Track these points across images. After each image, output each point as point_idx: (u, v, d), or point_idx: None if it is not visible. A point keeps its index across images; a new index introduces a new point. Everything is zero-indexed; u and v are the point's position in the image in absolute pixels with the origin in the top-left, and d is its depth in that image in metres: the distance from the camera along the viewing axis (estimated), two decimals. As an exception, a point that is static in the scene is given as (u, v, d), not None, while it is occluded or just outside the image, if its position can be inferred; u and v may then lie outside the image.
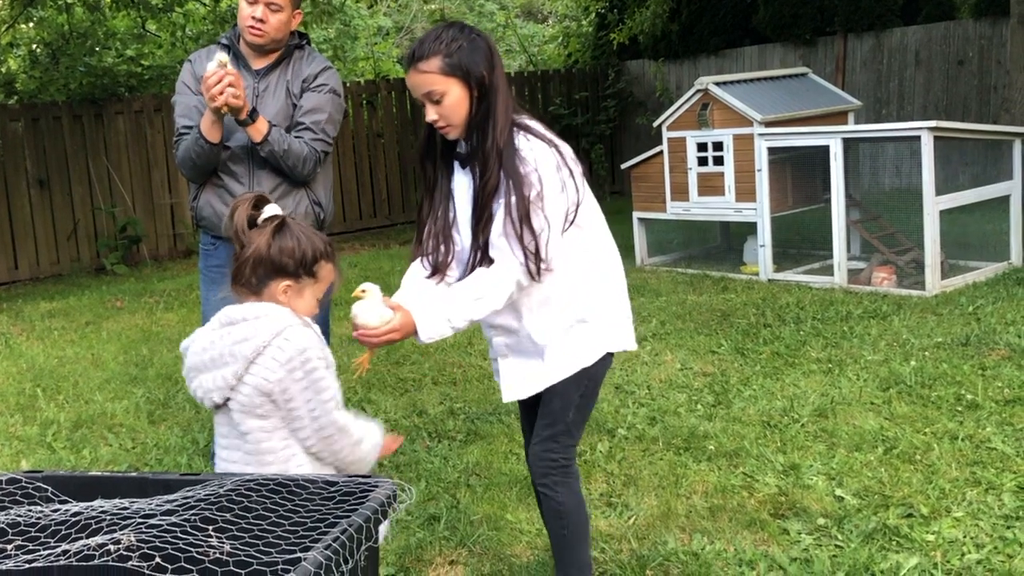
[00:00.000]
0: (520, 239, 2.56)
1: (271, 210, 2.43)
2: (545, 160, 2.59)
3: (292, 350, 2.30)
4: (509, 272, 2.60)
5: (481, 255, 2.67)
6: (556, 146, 2.63)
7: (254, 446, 2.35)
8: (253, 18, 3.66)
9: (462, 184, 2.74)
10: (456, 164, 2.77)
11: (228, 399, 2.34)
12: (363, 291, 2.58)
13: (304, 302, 2.44)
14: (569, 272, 2.71)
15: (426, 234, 2.79)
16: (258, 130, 3.59)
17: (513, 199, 2.56)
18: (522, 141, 2.61)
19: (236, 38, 3.81)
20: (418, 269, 2.81)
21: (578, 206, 2.65)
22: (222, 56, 3.47)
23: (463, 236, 2.75)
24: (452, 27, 2.63)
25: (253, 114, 3.58)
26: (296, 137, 3.68)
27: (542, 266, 2.59)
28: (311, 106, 3.73)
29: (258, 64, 3.77)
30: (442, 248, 2.76)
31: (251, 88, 3.70)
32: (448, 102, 2.60)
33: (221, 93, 3.42)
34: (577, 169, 2.67)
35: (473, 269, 2.69)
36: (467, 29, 2.63)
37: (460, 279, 2.73)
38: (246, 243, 2.40)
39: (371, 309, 2.57)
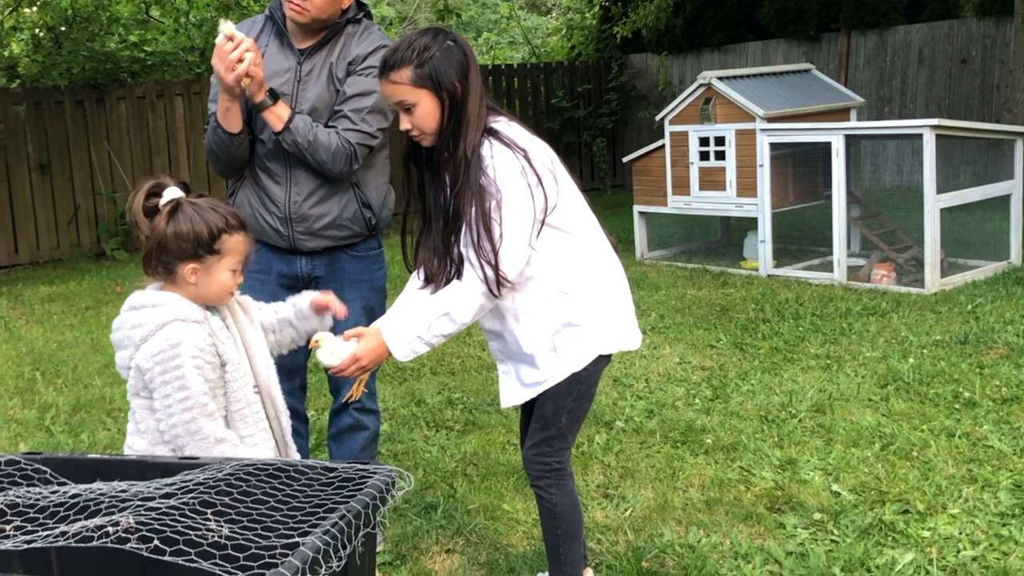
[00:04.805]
0: (479, 252, 2.54)
1: (170, 194, 2.42)
2: (505, 168, 2.54)
3: (165, 344, 2.33)
4: (473, 286, 2.58)
5: (457, 265, 2.64)
6: (524, 151, 2.57)
7: (137, 424, 2.44)
8: None
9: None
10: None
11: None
12: (316, 342, 2.64)
13: (216, 280, 2.45)
14: (552, 277, 2.67)
15: (421, 245, 2.78)
16: (277, 115, 3.05)
17: (473, 211, 2.54)
18: (486, 149, 2.57)
19: (280, 9, 3.22)
20: (414, 282, 2.80)
21: (547, 211, 2.60)
22: (226, 27, 2.94)
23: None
24: (426, 34, 2.60)
25: (272, 95, 3.04)
26: (329, 127, 3.11)
27: (502, 278, 2.55)
28: (354, 91, 3.13)
29: (303, 43, 3.20)
30: (435, 260, 2.73)
31: (293, 72, 3.16)
32: (419, 112, 2.58)
33: (240, 61, 2.89)
34: (551, 172, 2.61)
35: (448, 281, 2.66)
36: (441, 35, 2.59)
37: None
38: (147, 232, 2.41)
39: (327, 352, 2.62)
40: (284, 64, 3.17)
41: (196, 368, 2.35)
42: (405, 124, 2.63)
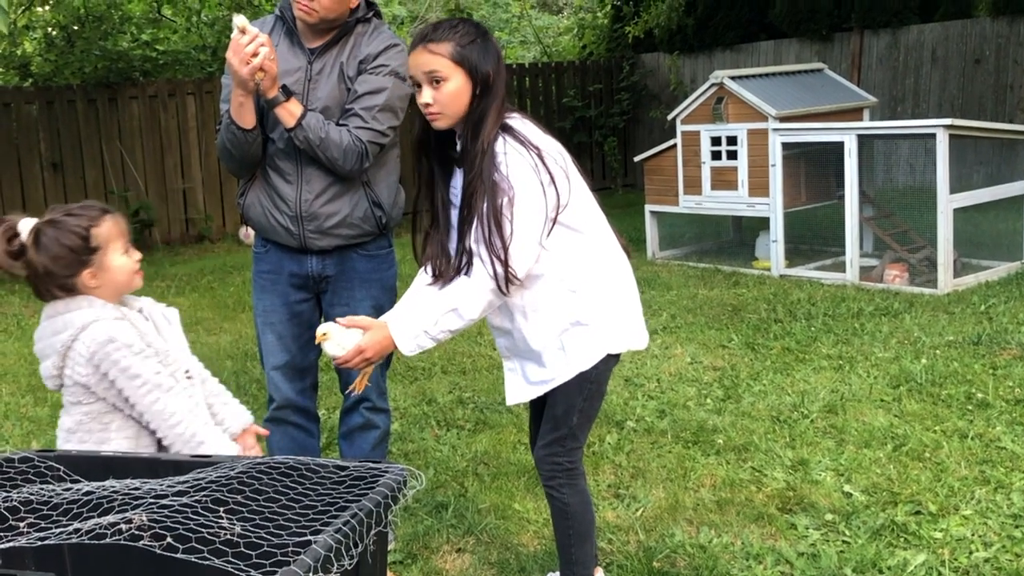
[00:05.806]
0: (489, 248, 2.54)
1: (25, 226, 2.44)
2: (518, 166, 2.54)
3: (95, 344, 2.36)
4: (482, 283, 2.57)
5: (465, 261, 2.63)
6: (537, 149, 2.57)
7: (74, 428, 2.47)
8: None
9: (458, 186, 2.71)
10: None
11: (61, 386, 2.47)
12: (323, 334, 2.66)
13: (114, 271, 2.48)
14: (561, 275, 2.67)
15: (429, 240, 2.78)
16: (290, 112, 3.03)
17: (485, 207, 2.54)
18: (499, 145, 2.57)
19: (290, 9, 3.22)
20: (423, 277, 2.80)
21: (559, 209, 2.60)
22: (240, 20, 2.94)
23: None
24: (469, 23, 2.62)
25: (285, 92, 3.04)
26: (340, 125, 3.11)
27: (511, 275, 2.55)
28: (365, 90, 3.13)
29: (313, 43, 3.19)
30: (443, 255, 2.73)
31: (304, 71, 3.16)
32: (447, 89, 2.57)
33: (255, 54, 2.90)
34: (563, 171, 2.61)
35: (456, 276, 2.65)
36: (482, 29, 2.62)
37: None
38: (25, 271, 2.43)
39: (334, 344, 2.64)
40: (295, 63, 3.16)
41: (136, 355, 2.38)
42: (426, 98, 2.59)
